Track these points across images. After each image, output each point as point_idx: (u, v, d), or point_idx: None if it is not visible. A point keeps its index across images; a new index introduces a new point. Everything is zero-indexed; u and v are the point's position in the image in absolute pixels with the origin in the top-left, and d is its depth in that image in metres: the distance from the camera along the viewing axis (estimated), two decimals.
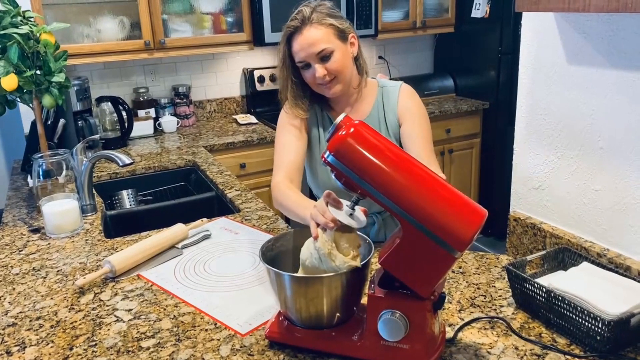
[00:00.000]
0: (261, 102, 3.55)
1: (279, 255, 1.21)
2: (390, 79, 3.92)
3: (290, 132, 1.62)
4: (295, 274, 1.13)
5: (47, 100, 1.91)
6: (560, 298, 1.13)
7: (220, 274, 1.48)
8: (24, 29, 1.80)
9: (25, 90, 1.87)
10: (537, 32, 1.41)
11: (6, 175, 3.08)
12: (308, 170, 1.71)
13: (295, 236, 1.25)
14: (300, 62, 1.48)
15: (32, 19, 1.90)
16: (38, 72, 1.87)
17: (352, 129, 1.02)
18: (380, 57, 4.00)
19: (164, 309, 1.32)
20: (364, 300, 1.13)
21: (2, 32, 1.78)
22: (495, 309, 1.26)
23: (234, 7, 3.24)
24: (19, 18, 1.84)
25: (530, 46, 1.43)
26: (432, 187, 0.99)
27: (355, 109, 1.61)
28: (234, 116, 3.54)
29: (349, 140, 1.01)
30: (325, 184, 1.65)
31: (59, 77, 1.90)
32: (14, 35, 1.77)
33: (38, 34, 1.85)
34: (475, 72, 3.80)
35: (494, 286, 1.35)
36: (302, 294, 1.10)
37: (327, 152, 1.02)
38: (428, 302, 1.02)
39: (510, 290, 1.29)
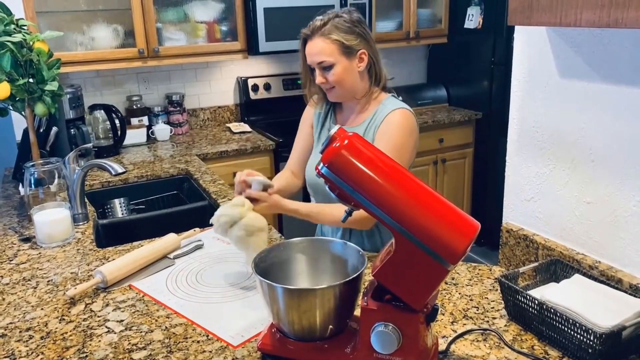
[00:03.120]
0: (255, 111, 3.55)
1: (272, 267, 1.21)
2: None
3: (302, 129, 1.82)
4: (288, 286, 1.13)
5: (39, 108, 1.90)
6: (552, 310, 1.13)
7: (213, 285, 1.47)
8: (17, 37, 1.80)
9: (17, 99, 1.87)
10: (529, 45, 1.42)
11: None
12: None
13: (288, 247, 1.25)
14: (309, 64, 1.63)
15: (25, 27, 1.90)
16: (31, 80, 1.86)
17: (346, 141, 1.02)
18: None
19: (156, 320, 1.31)
20: (357, 312, 1.13)
21: None
22: (487, 321, 1.26)
23: (229, 16, 3.24)
24: (12, 26, 1.84)
25: (523, 59, 1.44)
26: (426, 199, 0.99)
27: (356, 117, 1.70)
28: (227, 125, 3.54)
29: (342, 152, 1.01)
30: (307, 172, 1.78)
31: (52, 86, 1.89)
32: (7, 43, 1.77)
33: (31, 42, 1.85)
34: (468, 82, 3.83)
35: (487, 298, 1.36)
36: (294, 306, 1.09)
37: (321, 164, 1.02)
38: (421, 314, 1.02)
39: (502, 302, 1.29)
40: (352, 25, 1.57)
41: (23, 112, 1.94)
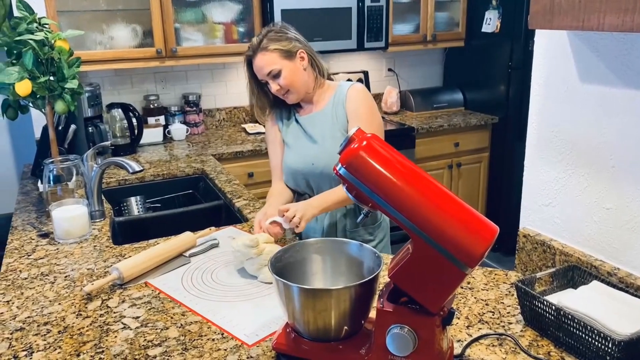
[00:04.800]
0: None
1: (288, 267, 1.21)
2: (399, 91, 3.94)
3: (270, 145, 1.96)
4: (304, 286, 1.13)
5: (59, 106, 1.92)
6: (569, 316, 1.12)
7: (228, 284, 1.48)
8: (40, 36, 1.82)
9: (38, 96, 1.89)
10: (549, 49, 1.41)
11: (16, 180, 3.10)
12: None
13: (304, 248, 1.25)
14: (261, 80, 1.79)
15: (47, 26, 1.92)
16: (52, 78, 1.88)
17: (364, 142, 1.02)
18: (389, 70, 4.01)
19: (171, 318, 1.32)
20: (372, 313, 1.13)
21: (18, 38, 1.80)
22: (503, 326, 1.25)
23: (246, 17, 3.26)
24: (35, 25, 1.87)
25: (543, 63, 1.43)
26: (444, 202, 0.99)
27: (314, 105, 1.88)
28: (243, 125, 3.55)
29: (361, 153, 1.01)
30: (286, 166, 1.90)
31: (72, 84, 1.91)
32: (30, 41, 1.79)
33: (53, 41, 1.87)
34: (485, 86, 3.81)
35: (503, 302, 1.35)
36: (310, 306, 1.09)
37: (339, 165, 1.02)
38: (437, 317, 1.02)
39: (519, 307, 1.28)
40: (283, 32, 1.77)
41: (43, 110, 1.96)
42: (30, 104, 1.96)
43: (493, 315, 1.30)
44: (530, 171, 1.51)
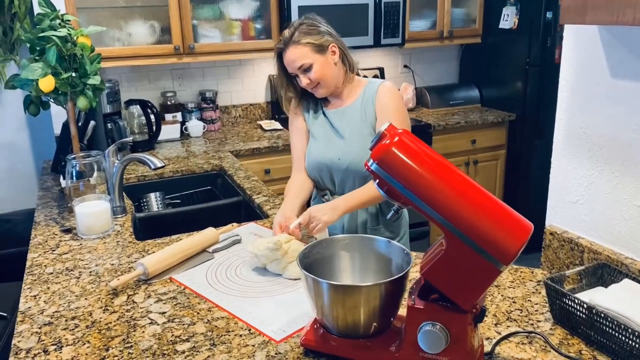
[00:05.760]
0: None
1: (316, 263, 1.20)
2: (415, 88, 3.92)
3: (294, 133, 1.94)
4: (333, 282, 1.13)
5: (81, 102, 1.93)
6: (602, 315, 1.11)
7: (252, 280, 1.48)
8: (63, 32, 1.83)
9: (60, 92, 1.90)
10: (579, 44, 1.39)
11: (35, 176, 3.12)
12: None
13: (332, 244, 1.25)
14: (291, 73, 1.79)
15: (69, 22, 1.93)
16: (74, 74, 1.89)
17: (396, 138, 1.01)
18: (405, 66, 3.99)
19: (198, 313, 1.32)
20: (401, 311, 1.12)
21: (42, 34, 1.81)
22: (532, 324, 1.24)
23: (263, 14, 3.26)
24: (58, 21, 1.87)
25: (572, 58, 1.41)
26: (478, 198, 0.98)
27: (343, 100, 1.87)
28: (258, 122, 3.55)
29: (393, 149, 1.00)
30: (311, 156, 1.88)
31: (94, 80, 1.92)
32: (53, 37, 1.80)
33: (75, 37, 1.88)
34: (502, 83, 3.77)
35: (530, 300, 1.33)
36: (339, 302, 1.09)
37: (371, 161, 1.02)
38: (469, 315, 1.01)
39: (547, 305, 1.27)
40: (316, 26, 1.76)
41: (65, 106, 1.97)
42: (52, 100, 1.97)
43: (521, 313, 1.28)
44: (557, 168, 1.49)
